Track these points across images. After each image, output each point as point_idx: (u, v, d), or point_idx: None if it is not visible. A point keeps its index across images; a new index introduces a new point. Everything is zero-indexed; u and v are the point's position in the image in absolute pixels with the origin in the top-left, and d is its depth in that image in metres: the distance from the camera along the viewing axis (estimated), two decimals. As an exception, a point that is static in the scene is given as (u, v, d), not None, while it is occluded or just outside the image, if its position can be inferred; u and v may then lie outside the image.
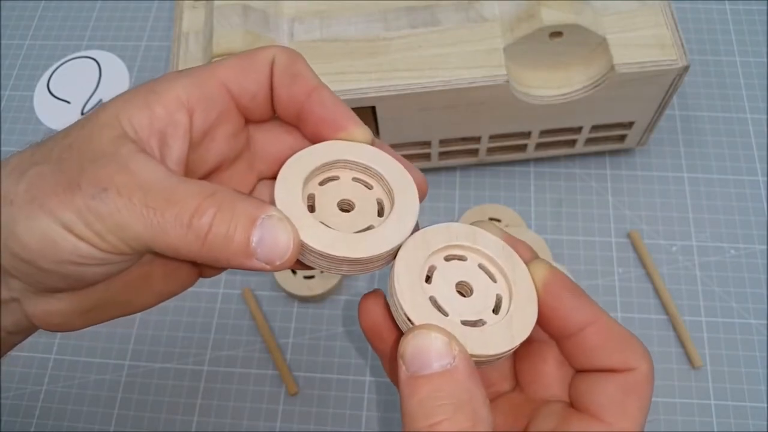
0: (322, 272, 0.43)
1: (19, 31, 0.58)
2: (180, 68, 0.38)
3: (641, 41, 0.38)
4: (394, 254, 0.21)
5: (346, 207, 0.22)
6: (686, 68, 0.37)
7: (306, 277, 0.43)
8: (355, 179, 0.22)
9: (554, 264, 0.43)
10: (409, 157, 0.46)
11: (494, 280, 0.21)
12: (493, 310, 0.21)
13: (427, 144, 0.44)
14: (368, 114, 0.41)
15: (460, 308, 0.20)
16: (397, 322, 0.20)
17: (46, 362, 0.44)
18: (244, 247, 0.19)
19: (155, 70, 0.55)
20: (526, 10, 0.37)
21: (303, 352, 0.43)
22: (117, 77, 0.55)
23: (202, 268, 0.23)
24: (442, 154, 0.46)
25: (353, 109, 0.39)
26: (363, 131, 0.22)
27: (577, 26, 0.36)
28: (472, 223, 0.22)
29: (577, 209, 0.46)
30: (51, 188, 0.19)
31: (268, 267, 0.20)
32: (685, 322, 0.42)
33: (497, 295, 0.21)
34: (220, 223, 0.19)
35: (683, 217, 0.46)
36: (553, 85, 0.39)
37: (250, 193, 0.25)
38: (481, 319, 0.20)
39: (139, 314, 0.45)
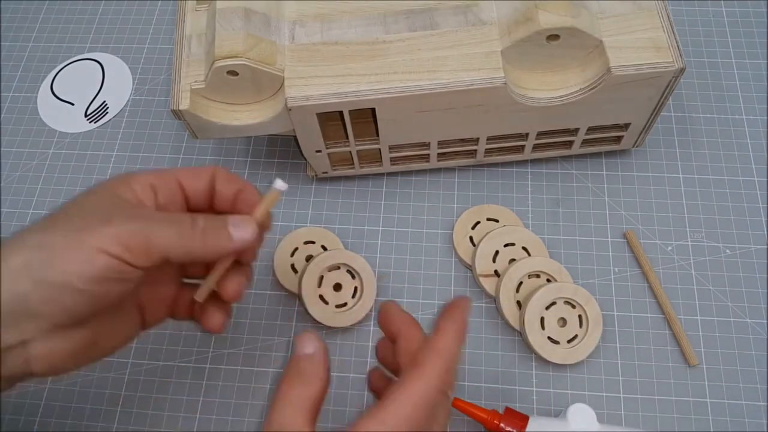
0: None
1: (23, 33, 0.58)
2: (183, 70, 0.39)
3: (637, 44, 0.38)
4: None
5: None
6: (682, 70, 0.38)
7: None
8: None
9: (550, 261, 0.43)
10: (409, 158, 0.46)
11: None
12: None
13: (426, 145, 0.44)
14: (368, 116, 0.41)
15: None
16: None
17: (50, 360, 0.44)
18: (227, 234, 0.29)
19: (158, 73, 0.55)
20: (523, 14, 0.37)
21: (304, 350, 0.43)
22: (120, 79, 0.55)
23: (146, 316, 0.33)
24: (441, 155, 0.46)
25: (354, 110, 0.40)
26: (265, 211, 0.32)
27: (573, 29, 0.37)
28: None
29: (573, 209, 0.47)
30: (86, 226, 0.27)
31: (245, 242, 0.30)
32: (681, 320, 0.43)
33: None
34: (210, 222, 0.29)
35: (679, 217, 0.46)
36: (550, 88, 0.40)
37: None
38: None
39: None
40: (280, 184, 0.30)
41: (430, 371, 0.27)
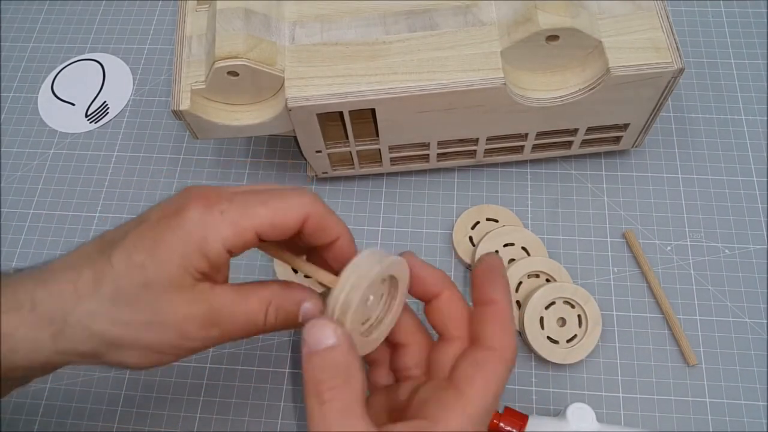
0: None
1: (23, 33, 0.58)
2: (183, 71, 0.39)
3: (637, 44, 0.38)
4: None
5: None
6: (681, 71, 0.38)
7: (306, 276, 0.44)
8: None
9: (550, 261, 0.43)
10: (408, 159, 0.47)
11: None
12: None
13: (426, 146, 0.44)
14: (368, 116, 0.41)
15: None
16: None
17: (50, 360, 0.44)
18: (296, 322, 0.29)
19: (158, 73, 0.55)
20: (522, 14, 0.37)
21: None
22: (120, 80, 0.55)
23: None
24: (441, 156, 0.46)
25: (354, 111, 0.40)
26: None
27: (573, 30, 0.37)
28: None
29: (573, 209, 0.47)
30: (163, 337, 0.27)
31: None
32: (680, 320, 0.43)
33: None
34: (282, 317, 0.28)
35: (678, 217, 0.46)
36: (550, 88, 0.40)
37: None
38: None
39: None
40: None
41: (507, 351, 0.26)
